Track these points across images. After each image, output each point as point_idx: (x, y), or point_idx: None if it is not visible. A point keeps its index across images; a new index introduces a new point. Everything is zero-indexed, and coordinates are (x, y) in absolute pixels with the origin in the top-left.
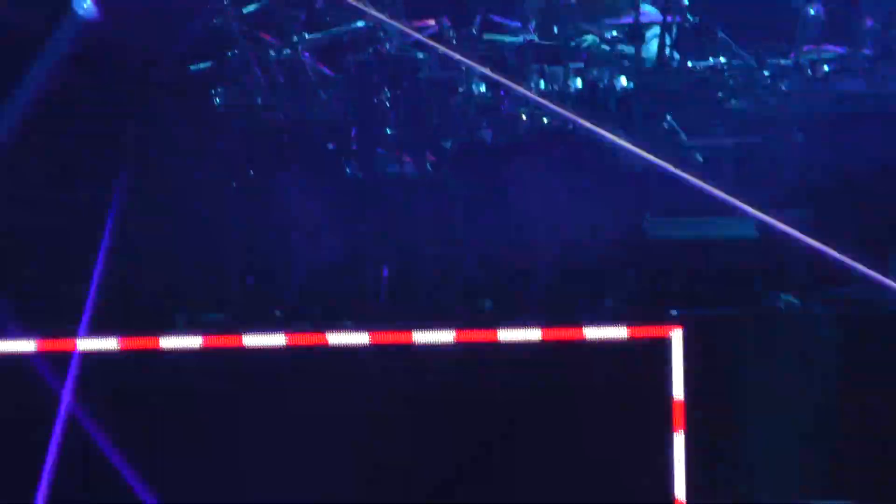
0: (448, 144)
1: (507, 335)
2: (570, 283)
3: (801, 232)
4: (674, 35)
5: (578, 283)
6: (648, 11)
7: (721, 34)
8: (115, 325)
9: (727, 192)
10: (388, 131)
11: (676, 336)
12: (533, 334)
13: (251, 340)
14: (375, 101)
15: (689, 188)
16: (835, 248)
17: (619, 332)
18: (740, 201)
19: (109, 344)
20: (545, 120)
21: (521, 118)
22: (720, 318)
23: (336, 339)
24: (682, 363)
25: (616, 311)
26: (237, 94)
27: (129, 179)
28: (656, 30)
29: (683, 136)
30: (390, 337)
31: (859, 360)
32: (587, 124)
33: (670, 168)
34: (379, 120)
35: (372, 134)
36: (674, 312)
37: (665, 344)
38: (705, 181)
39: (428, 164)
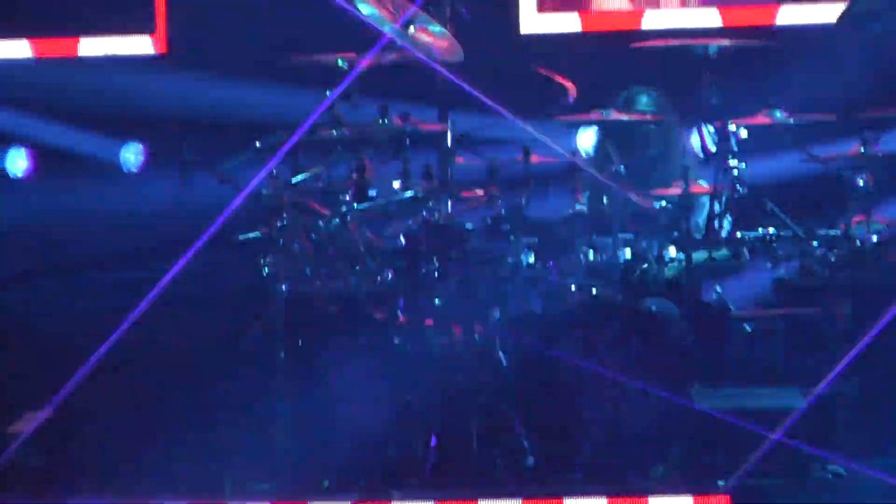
0: (497, 315)
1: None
2: (619, 450)
3: (849, 402)
4: (723, 205)
5: (627, 450)
6: (698, 182)
7: (770, 204)
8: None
9: (774, 364)
10: (437, 302)
11: None
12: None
13: None
14: (423, 271)
15: (736, 358)
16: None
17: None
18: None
19: None
20: (594, 291)
21: (570, 289)
22: (767, 488)
23: None
24: None
25: (665, 480)
26: (286, 263)
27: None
28: (705, 200)
29: (732, 307)
30: None
31: None
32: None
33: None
34: (427, 290)
35: (419, 304)
36: (721, 483)
37: None
38: (753, 351)
39: (476, 336)
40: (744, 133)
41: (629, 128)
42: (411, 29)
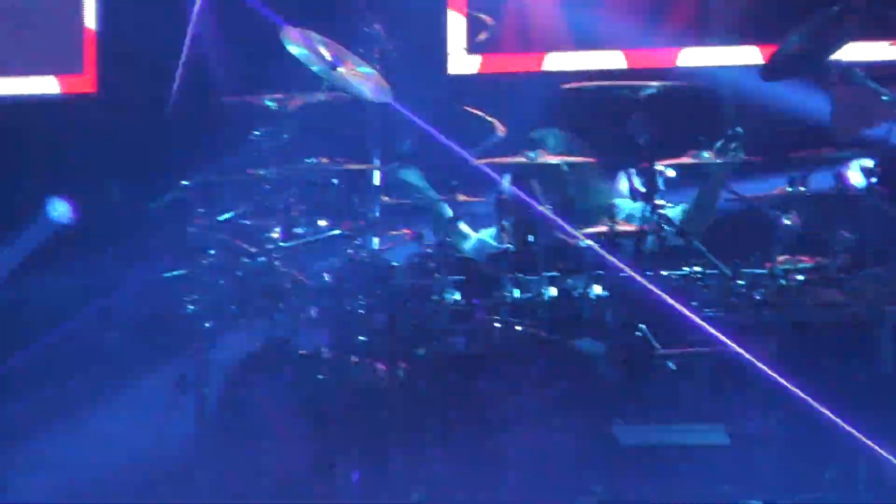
0: (421, 352)
1: None
2: (541, 489)
3: (771, 440)
4: (649, 244)
5: (549, 489)
6: (623, 218)
7: (696, 243)
8: None
9: (699, 402)
10: (361, 338)
11: None
12: None
13: None
14: (348, 307)
15: (660, 395)
16: (804, 454)
17: None
18: (714, 408)
19: None
20: (518, 328)
21: (495, 326)
22: None
23: None
24: None
25: None
26: (210, 300)
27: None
28: (632, 238)
29: (657, 345)
30: None
31: None
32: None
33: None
34: (351, 327)
35: (344, 341)
36: None
37: None
38: (678, 389)
39: (401, 372)
40: (671, 173)
41: (549, 168)
42: (340, 69)
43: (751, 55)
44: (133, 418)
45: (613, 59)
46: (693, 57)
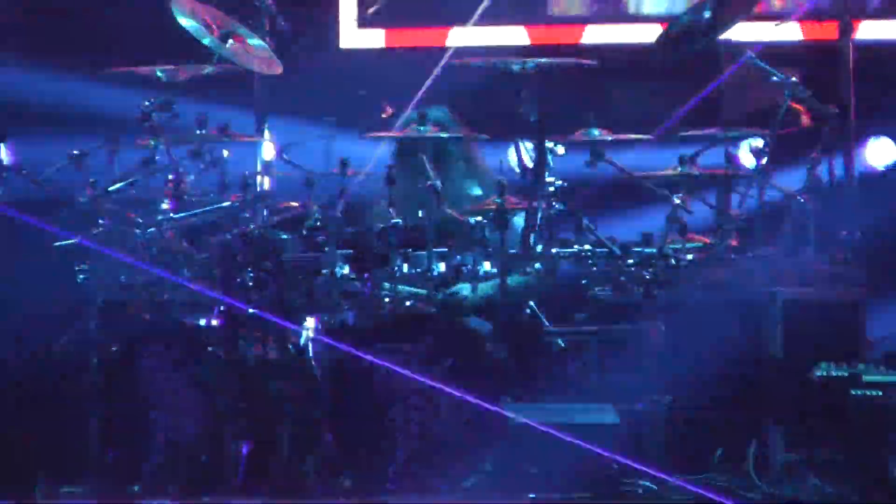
0: (311, 325)
1: None
2: (428, 462)
3: (662, 418)
4: (538, 221)
5: (437, 463)
6: (513, 198)
7: (586, 221)
8: None
9: (590, 379)
10: (251, 311)
11: None
12: None
13: None
14: (238, 280)
15: (549, 373)
16: (693, 435)
17: None
18: (601, 385)
19: None
20: (407, 303)
21: (384, 301)
22: (577, 501)
23: None
24: None
25: (476, 491)
26: (101, 271)
27: None
28: (521, 215)
29: (546, 322)
30: None
31: None
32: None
33: None
34: (241, 299)
35: (233, 313)
36: (531, 496)
37: None
38: (566, 367)
39: (290, 346)
40: (561, 150)
41: (436, 144)
42: (230, 41)
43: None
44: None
45: (516, 35)
46: (597, 34)
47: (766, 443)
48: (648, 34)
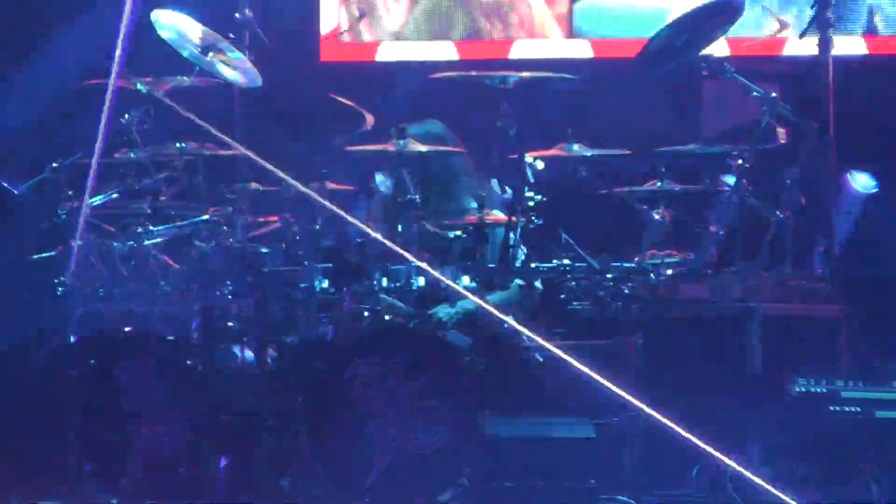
0: (289, 339)
1: None
2: (405, 479)
3: (637, 435)
4: (517, 236)
5: (414, 479)
6: (493, 212)
7: (565, 236)
8: None
9: (564, 393)
10: (230, 324)
11: None
12: None
13: None
14: (217, 293)
15: (527, 387)
16: (669, 450)
17: None
18: (578, 400)
19: None
20: (386, 317)
21: (363, 315)
22: None
23: None
24: None
25: None
26: (80, 285)
27: None
28: (500, 230)
29: (524, 337)
30: None
31: None
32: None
33: None
34: (220, 313)
35: (212, 327)
36: None
37: None
38: (545, 381)
39: (269, 359)
40: (540, 165)
41: (422, 158)
42: (210, 54)
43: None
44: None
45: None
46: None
47: (745, 458)
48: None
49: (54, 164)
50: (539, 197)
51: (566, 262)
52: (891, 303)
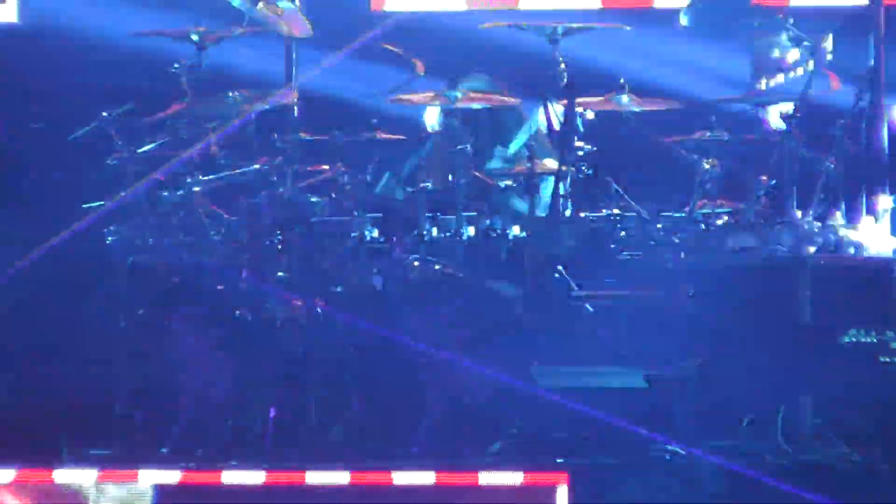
0: (339, 289)
1: (401, 478)
2: (458, 427)
3: (689, 384)
4: (567, 186)
5: (466, 428)
6: (544, 162)
7: (615, 186)
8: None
9: (616, 344)
10: (279, 274)
11: (562, 484)
12: (427, 478)
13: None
14: (267, 243)
15: (577, 337)
16: (720, 401)
17: (514, 479)
18: (629, 350)
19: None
20: (436, 267)
21: (413, 265)
22: (605, 466)
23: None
24: None
25: (502, 457)
26: (129, 234)
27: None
28: (550, 180)
29: (574, 287)
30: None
31: None
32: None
33: None
34: (270, 263)
35: (261, 276)
36: (559, 461)
37: (552, 491)
38: (594, 331)
39: (318, 309)
40: (590, 115)
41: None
42: (260, 4)
43: None
44: (55, 349)
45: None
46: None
47: (795, 409)
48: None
49: (104, 114)
50: (589, 147)
51: (616, 211)
52: None
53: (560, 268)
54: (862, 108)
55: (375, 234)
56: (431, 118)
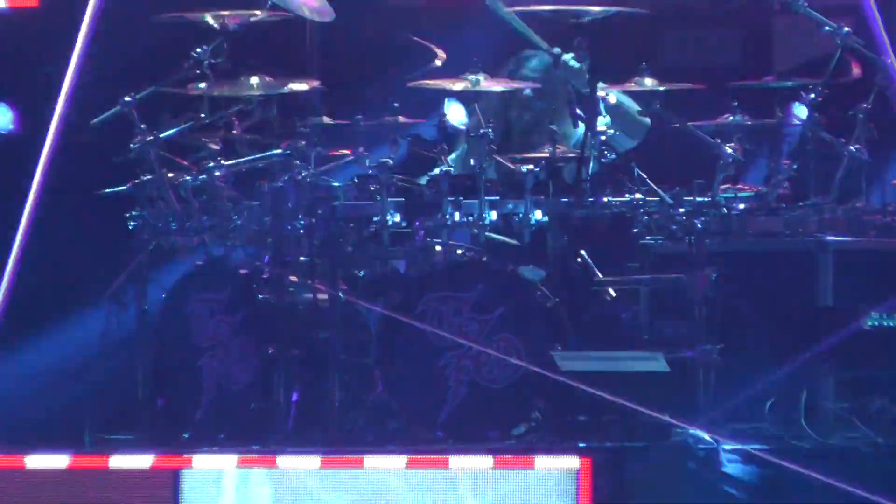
0: (361, 273)
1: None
2: (478, 413)
3: (711, 368)
4: (590, 170)
5: (487, 413)
6: (565, 147)
7: (637, 170)
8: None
9: (638, 329)
10: (302, 259)
11: (584, 468)
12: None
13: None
14: (289, 228)
15: (599, 322)
16: (742, 384)
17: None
18: (652, 336)
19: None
20: (459, 251)
21: (435, 249)
22: (628, 451)
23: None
24: (589, 495)
25: (526, 440)
26: (151, 218)
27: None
28: (572, 164)
29: (597, 271)
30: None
31: (767, 496)
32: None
33: None
34: (292, 247)
35: (284, 260)
36: (581, 444)
37: (574, 475)
38: (617, 316)
39: (340, 293)
40: (613, 99)
41: (491, 92)
42: None
43: None
44: (75, 331)
45: None
46: None
47: (818, 392)
48: None
49: (127, 98)
50: (612, 131)
51: (638, 196)
52: None
53: (582, 252)
54: (885, 93)
55: (398, 217)
56: (457, 115)
